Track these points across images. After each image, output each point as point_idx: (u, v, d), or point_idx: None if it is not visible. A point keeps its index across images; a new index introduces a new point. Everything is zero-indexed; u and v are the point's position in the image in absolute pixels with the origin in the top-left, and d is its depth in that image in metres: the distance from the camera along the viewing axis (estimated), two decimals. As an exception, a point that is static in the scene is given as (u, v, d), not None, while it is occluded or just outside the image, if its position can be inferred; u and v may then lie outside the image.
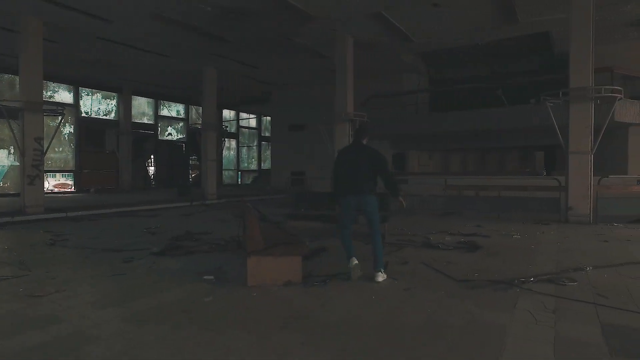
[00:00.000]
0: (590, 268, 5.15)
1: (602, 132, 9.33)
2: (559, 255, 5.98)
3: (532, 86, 15.37)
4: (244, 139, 29.41)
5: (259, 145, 28.89)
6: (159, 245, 6.70)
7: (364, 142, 4.96)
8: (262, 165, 28.56)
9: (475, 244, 6.70)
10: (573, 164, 9.44)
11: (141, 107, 22.40)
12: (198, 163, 25.60)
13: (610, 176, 10.40)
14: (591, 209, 9.29)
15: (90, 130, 20.13)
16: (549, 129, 15.04)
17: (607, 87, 9.04)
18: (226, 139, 26.86)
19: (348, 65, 12.72)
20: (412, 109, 17.43)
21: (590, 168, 9.34)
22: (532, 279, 4.61)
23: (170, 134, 23.86)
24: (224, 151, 27.37)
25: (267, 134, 27.64)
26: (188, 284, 4.56)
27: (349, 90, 12.65)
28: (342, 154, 5.08)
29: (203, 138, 16.80)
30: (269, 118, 26.25)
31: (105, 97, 20.74)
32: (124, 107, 20.81)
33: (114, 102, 21.04)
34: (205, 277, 4.76)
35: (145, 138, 22.39)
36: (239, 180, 28.61)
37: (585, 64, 9.35)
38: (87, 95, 20.05)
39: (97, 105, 20.38)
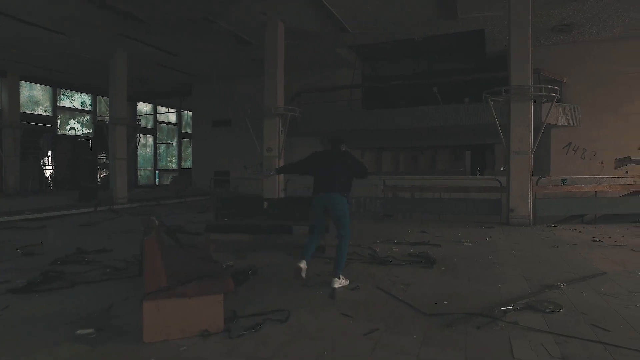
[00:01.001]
0: (564, 285, 4.49)
1: (542, 131, 9.12)
2: (523, 268, 5.31)
3: (465, 85, 15.38)
4: (162, 135, 26.82)
5: (179, 143, 26.51)
6: (29, 275, 4.97)
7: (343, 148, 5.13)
8: (182, 164, 26.23)
9: (428, 257, 5.86)
10: (515, 164, 9.13)
11: (34, 96, 19.14)
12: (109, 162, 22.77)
13: (546, 176, 10.32)
14: (531, 210, 9.04)
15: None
16: (480, 129, 15.19)
17: (547, 86, 8.82)
18: (141, 135, 24.29)
19: (279, 54, 11.48)
20: (345, 106, 16.65)
21: (531, 168, 9.09)
22: (511, 306, 3.78)
23: (73, 128, 20.79)
24: (139, 149, 24.71)
25: (189, 130, 25.39)
26: (51, 347, 3.04)
27: (279, 82, 11.43)
28: (318, 154, 5.18)
29: (111, 133, 14.53)
30: (190, 113, 24.06)
31: (-14, 83, 17.32)
32: (10, 94, 17.53)
33: (-4, 88, 17.66)
34: (80, 331, 3.26)
35: (39, 132, 19.19)
36: (157, 180, 26.02)
37: (526, 62, 9.07)
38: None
39: (-26, 91, 16.94)
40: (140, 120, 15.82)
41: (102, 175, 22.39)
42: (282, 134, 11.36)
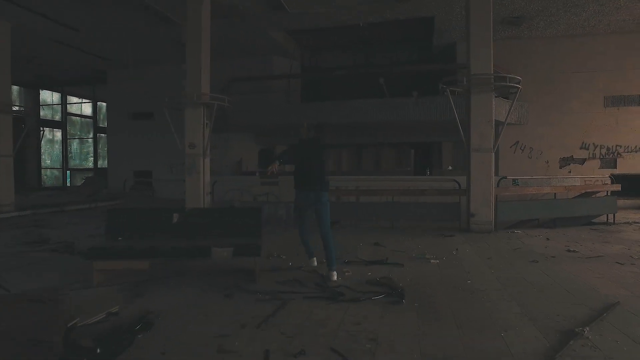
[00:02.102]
0: (586, 330, 3.26)
1: (504, 127, 8.17)
2: (516, 299, 4.06)
3: (413, 78, 14.41)
4: (74, 129, 23.44)
5: (95, 138, 23.29)
6: None
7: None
8: (99, 163, 23.07)
9: (393, 286, 4.45)
10: (475, 163, 8.09)
11: None
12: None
13: (507, 177, 9.46)
14: (494, 214, 8.06)
15: None
16: (427, 125, 14.31)
17: (511, 75, 7.85)
18: (45, 129, 20.95)
19: (203, 31, 9.59)
20: (282, 98, 15.05)
21: (493, 169, 8.10)
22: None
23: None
24: (43, 144, 21.29)
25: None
26: None
27: (204, 65, 9.55)
28: (302, 147, 5.00)
29: (-10, 124, 11.69)
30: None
31: None
32: None
33: None
34: None
35: None
36: (68, 181, 22.66)
37: (486, 48, 8.07)
38: None
39: None
40: (23, 109, 12.91)
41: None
42: (207, 128, 9.50)
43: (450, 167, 14.54)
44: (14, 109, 13.02)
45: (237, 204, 9.96)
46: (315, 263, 5.26)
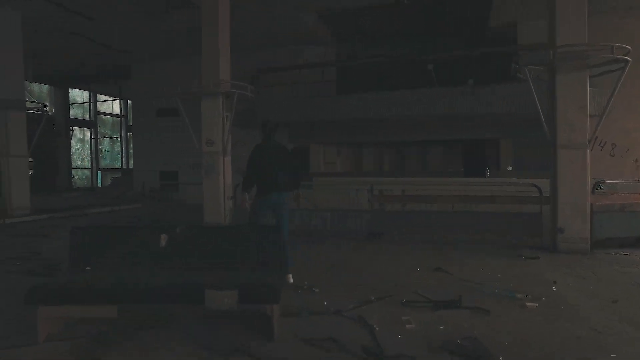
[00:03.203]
0: None
1: (602, 119, 6.24)
2: None
3: (464, 66, 12.48)
4: (105, 128, 22.96)
5: (123, 137, 22.70)
6: None
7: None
8: (127, 163, 22.46)
9: (484, 356, 2.79)
10: (564, 163, 6.21)
11: None
12: (31, 160, 18.79)
13: (604, 181, 7.50)
14: (590, 230, 6.16)
15: None
16: (481, 119, 12.41)
17: (617, 45, 5.90)
18: (74, 128, 20.46)
19: (221, 12, 8.19)
20: (314, 91, 13.55)
21: (588, 170, 6.21)
22: None
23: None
24: (74, 143, 20.82)
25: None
26: None
27: (223, 49, 8.14)
28: (260, 151, 4.83)
29: (1, 122, 10.81)
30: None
31: None
32: None
33: None
34: None
35: None
36: (99, 182, 22.16)
37: (581, 10, 6.19)
38: None
39: None
40: (46, 106, 12.04)
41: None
42: (227, 122, 8.10)
43: (510, 168, 12.53)
44: (31, 105, 12.15)
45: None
46: (291, 280, 4.63)
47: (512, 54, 10.38)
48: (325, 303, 3.97)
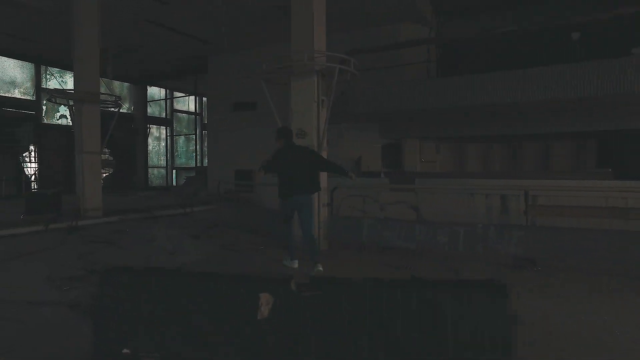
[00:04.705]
0: None
1: None
2: None
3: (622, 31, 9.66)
4: (180, 126, 22.57)
5: (198, 135, 22.13)
6: None
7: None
8: (202, 161, 21.85)
9: None
10: None
11: (8, 73, 15.14)
12: (111, 159, 18.72)
13: None
14: None
15: None
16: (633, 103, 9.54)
17: None
18: (151, 127, 20.14)
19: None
20: (414, 74, 11.44)
21: None
22: None
23: (64, 116, 16.76)
24: (151, 141, 20.55)
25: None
26: None
27: (318, 14, 6.36)
28: (282, 156, 4.98)
29: (76, 116, 10.05)
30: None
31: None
32: (-26, 71, 13.66)
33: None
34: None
35: (17, 121, 15.21)
36: (174, 181, 21.79)
37: None
38: None
39: None
40: (120, 99, 11.20)
41: (106, 175, 18.24)
42: (322, 107, 6.32)
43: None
44: (105, 98, 11.38)
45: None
46: (297, 265, 5.22)
47: None
48: None
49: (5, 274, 5.20)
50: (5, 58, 14.93)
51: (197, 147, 21.78)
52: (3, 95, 14.95)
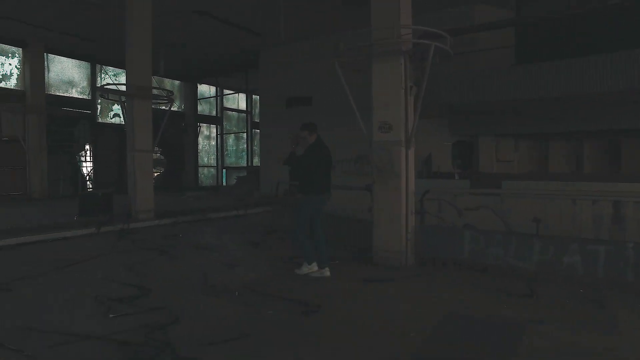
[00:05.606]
0: None
1: None
2: None
3: None
4: (230, 125, 22.16)
5: (249, 134, 21.62)
6: None
7: None
8: (252, 160, 21.31)
9: None
10: None
11: (66, 73, 15.14)
12: (162, 158, 18.51)
13: None
14: None
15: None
16: None
17: None
18: (201, 125, 19.80)
19: None
20: (489, 62, 10.08)
21: None
22: None
23: (117, 115, 16.67)
24: (201, 140, 20.23)
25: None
26: None
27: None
28: (319, 151, 4.82)
29: (128, 112, 9.55)
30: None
31: None
32: (33, 70, 13.65)
33: (14, 61, 13.80)
34: None
35: (73, 120, 15.21)
36: (224, 181, 21.38)
37: None
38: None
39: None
40: (172, 94, 10.63)
41: (157, 175, 18.03)
42: (411, 94, 5.23)
43: None
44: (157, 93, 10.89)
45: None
46: (317, 267, 4.87)
47: None
48: None
49: (49, 288, 4.52)
50: (65, 58, 14.95)
51: (248, 146, 21.25)
52: (62, 95, 14.97)
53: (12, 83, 13.71)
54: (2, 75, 13.52)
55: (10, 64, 13.66)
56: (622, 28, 9.06)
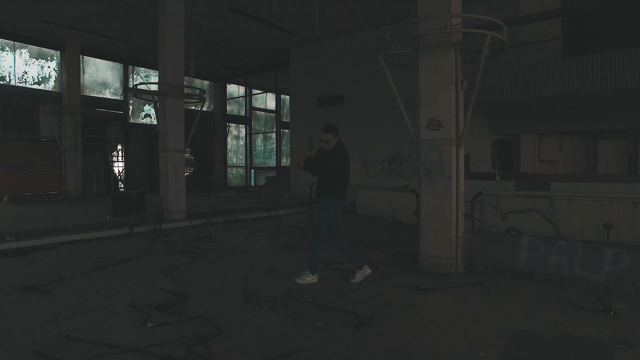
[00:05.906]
0: None
1: None
2: None
3: None
4: (258, 125, 22.11)
5: (278, 134, 21.49)
6: None
7: None
8: (280, 161, 21.17)
9: None
10: None
11: (100, 74, 15.38)
12: (192, 158, 18.59)
13: None
14: None
15: (12, 106, 13.33)
16: None
17: None
18: (230, 125, 19.80)
19: None
20: (533, 55, 9.52)
21: None
22: None
23: (149, 115, 16.82)
24: (229, 140, 20.24)
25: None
26: None
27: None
28: (341, 155, 4.64)
29: (160, 111, 9.48)
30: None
31: (38, 57, 13.84)
32: (69, 72, 13.89)
33: (52, 64, 14.09)
34: None
35: (108, 121, 15.42)
36: (252, 181, 21.35)
37: None
38: (5, 51, 13.19)
39: (23, 67, 13.51)
40: (204, 93, 10.50)
41: (187, 174, 18.12)
42: (461, 88, 4.86)
43: None
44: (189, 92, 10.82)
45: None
46: (317, 279, 4.69)
47: None
48: None
49: (85, 291, 4.39)
50: (99, 60, 15.18)
51: (278, 146, 21.12)
52: (96, 96, 15.21)
53: (50, 85, 14.00)
54: (42, 77, 13.81)
55: (49, 67, 13.95)
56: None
